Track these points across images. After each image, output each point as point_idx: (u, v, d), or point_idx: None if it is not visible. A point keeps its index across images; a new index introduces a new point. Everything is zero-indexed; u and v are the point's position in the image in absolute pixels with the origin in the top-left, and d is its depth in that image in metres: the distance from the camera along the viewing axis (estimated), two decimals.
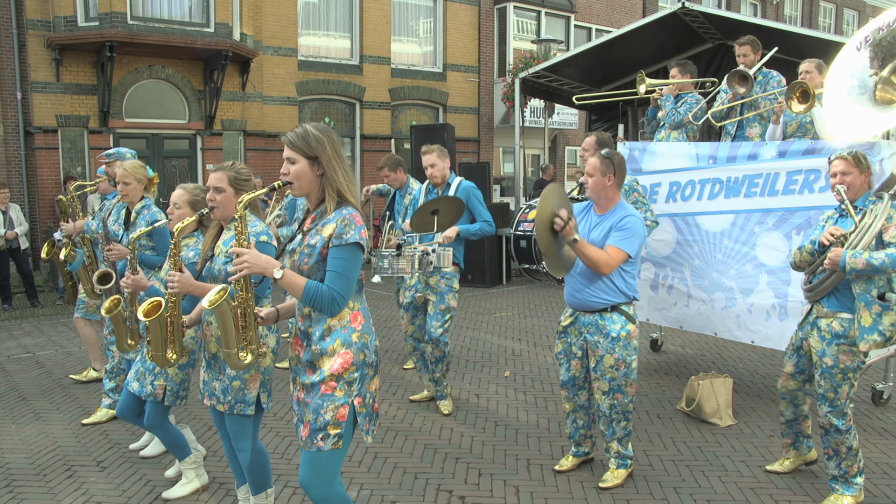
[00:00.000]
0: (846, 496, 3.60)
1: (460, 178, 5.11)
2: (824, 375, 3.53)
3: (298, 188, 2.57)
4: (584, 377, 3.97)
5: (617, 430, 3.88)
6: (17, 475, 4.11)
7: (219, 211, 3.19)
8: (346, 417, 2.53)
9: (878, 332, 3.37)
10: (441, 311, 4.94)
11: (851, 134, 3.39)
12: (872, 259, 3.25)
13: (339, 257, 2.49)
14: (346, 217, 2.50)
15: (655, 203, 5.55)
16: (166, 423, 3.73)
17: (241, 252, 2.49)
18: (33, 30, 11.50)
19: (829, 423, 3.53)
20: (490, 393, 5.57)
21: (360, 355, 2.57)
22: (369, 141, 15.34)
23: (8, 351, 7.10)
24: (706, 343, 7.03)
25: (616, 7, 19.52)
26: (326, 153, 2.53)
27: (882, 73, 3.46)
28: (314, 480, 2.56)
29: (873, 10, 26.88)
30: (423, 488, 3.91)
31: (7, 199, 9.46)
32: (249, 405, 3.13)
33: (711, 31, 9.04)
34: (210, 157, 12.92)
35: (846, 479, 3.60)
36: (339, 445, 2.54)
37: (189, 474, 3.84)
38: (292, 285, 2.48)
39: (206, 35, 12.10)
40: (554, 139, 18.30)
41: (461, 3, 16.51)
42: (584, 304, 3.81)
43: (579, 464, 4.16)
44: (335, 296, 2.48)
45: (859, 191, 3.52)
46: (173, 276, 3.06)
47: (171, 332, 3.28)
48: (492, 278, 11.00)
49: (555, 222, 3.53)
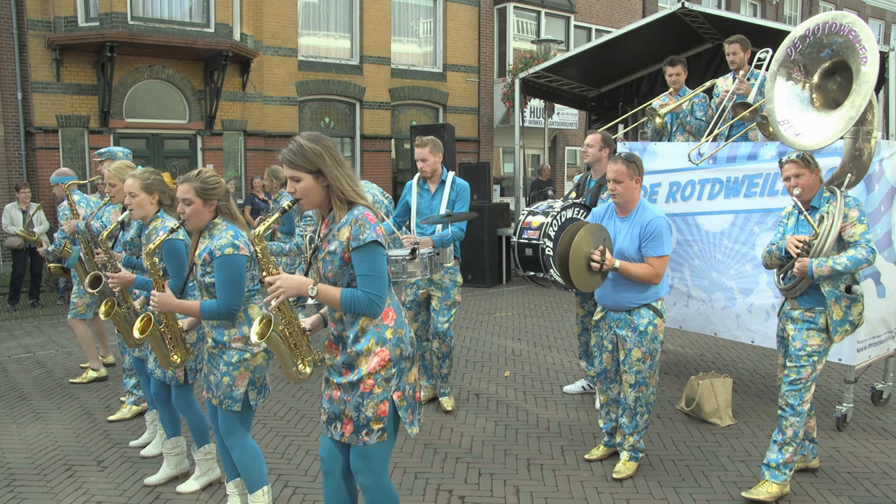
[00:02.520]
0: (774, 483, 3.67)
1: (453, 173, 5.06)
2: (790, 357, 3.67)
3: (308, 203, 2.58)
4: (616, 370, 4.14)
5: (640, 423, 4.04)
6: (18, 475, 4.12)
7: (190, 222, 3.21)
8: (387, 413, 2.56)
9: (849, 322, 3.65)
10: (447, 306, 4.97)
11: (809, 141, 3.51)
12: (836, 265, 3.47)
13: (363, 259, 2.50)
14: (359, 217, 2.50)
15: (656, 203, 5.55)
16: (193, 405, 3.77)
17: (272, 280, 2.51)
18: (34, 30, 11.51)
19: (787, 403, 3.63)
20: (490, 393, 5.57)
21: (397, 350, 2.59)
22: (369, 141, 15.35)
23: (8, 351, 7.11)
24: (706, 343, 7.04)
25: (616, 7, 19.53)
26: (327, 164, 2.52)
27: (813, 80, 3.63)
28: (364, 468, 2.61)
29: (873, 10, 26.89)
30: (423, 488, 3.92)
31: (28, 198, 9.49)
32: (236, 402, 3.18)
33: (711, 31, 9.04)
34: (210, 158, 12.93)
35: (778, 467, 3.66)
36: (384, 438, 2.58)
37: (202, 466, 3.86)
38: (329, 298, 2.50)
39: (207, 35, 12.11)
40: (554, 139, 18.30)
41: (461, 4, 16.52)
42: (617, 305, 3.99)
43: (610, 454, 4.26)
44: (372, 298, 2.50)
45: (813, 189, 3.65)
46: (154, 297, 3.16)
47: (171, 340, 3.45)
48: (492, 278, 11.00)
49: (591, 266, 3.80)
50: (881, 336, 4.77)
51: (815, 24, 3.54)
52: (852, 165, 3.79)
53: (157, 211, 3.77)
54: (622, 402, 4.06)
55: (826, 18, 3.51)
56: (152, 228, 3.71)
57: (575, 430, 4.78)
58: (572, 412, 5.12)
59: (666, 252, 3.89)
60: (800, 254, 3.56)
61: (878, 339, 4.74)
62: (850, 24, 3.41)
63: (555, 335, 7.60)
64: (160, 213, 3.77)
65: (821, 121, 3.55)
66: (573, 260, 3.75)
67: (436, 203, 4.97)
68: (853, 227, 3.55)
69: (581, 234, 3.76)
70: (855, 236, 3.54)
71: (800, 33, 3.60)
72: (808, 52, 3.58)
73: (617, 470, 4.03)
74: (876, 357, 4.79)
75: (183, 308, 3.21)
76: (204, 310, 3.12)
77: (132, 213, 3.76)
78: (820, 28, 3.52)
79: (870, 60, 3.29)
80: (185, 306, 3.20)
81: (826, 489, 3.86)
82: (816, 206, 3.66)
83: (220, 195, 3.23)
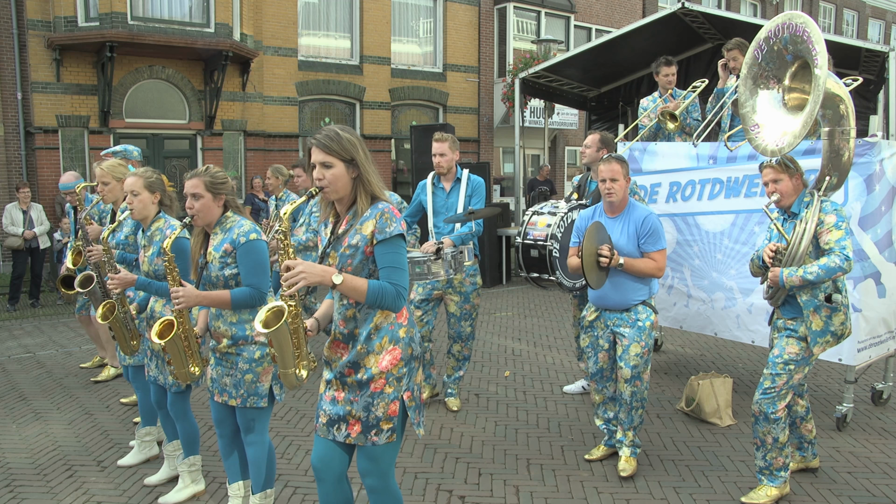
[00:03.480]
0: (771, 487, 3.65)
1: (467, 170, 5.09)
2: (768, 364, 3.61)
3: (334, 192, 2.50)
4: (611, 368, 4.18)
5: (634, 418, 4.06)
6: (18, 475, 4.12)
7: (199, 217, 3.14)
8: (397, 412, 2.53)
9: (830, 332, 3.48)
10: (467, 311, 5.01)
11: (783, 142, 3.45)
12: (807, 275, 3.36)
13: (388, 251, 2.46)
14: (385, 211, 2.47)
15: (655, 203, 5.56)
16: (189, 413, 3.73)
17: (293, 265, 2.35)
18: (34, 30, 11.50)
19: (759, 410, 3.57)
20: (490, 393, 5.57)
21: (409, 350, 2.57)
22: (369, 141, 15.33)
23: (8, 351, 7.11)
24: (706, 343, 7.04)
25: (616, 7, 19.53)
26: (360, 154, 2.49)
27: (784, 83, 3.56)
28: (371, 469, 2.57)
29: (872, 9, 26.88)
30: (423, 488, 3.92)
31: (28, 198, 9.46)
32: (262, 397, 3.15)
33: (711, 31, 9.03)
34: (210, 158, 12.93)
35: (770, 472, 3.65)
36: (393, 438, 2.55)
37: (185, 478, 3.80)
38: (354, 288, 2.41)
39: (207, 35, 12.11)
40: (554, 139, 18.30)
41: (461, 4, 16.52)
42: (617, 304, 4.04)
43: (610, 454, 4.26)
44: (399, 290, 2.46)
45: (793, 194, 3.55)
46: (177, 292, 3.02)
47: (188, 347, 3.28)
48: (492, 278, 11.00)
49: (600, 261, 3.88)
50: (881, 336, 4.77)
51: (775, 26, 3.45)
52: (832, 167, 3.67)
53: (158, 211, 3.70)
54: (620, 399, 4.08)
55: (783, 20, 3.41)
56: (155, 229, 3.64)
57: (575, 430, 4.78)
58: (572, 412, 5.12)
59: (664, 245, 4.01)
60: (773, 263, 3.48)
61: (878, 339, 4.74)
62: (803, 24, 3.31)
63: (555, 335, 7.60)
64: (161, 214, 3.70)
65: (786, 123, 3.47)
66: (585, 258, 3.84)
67: (451, 201, 4.98)
68: (829, 233, 3.40)
69: (588, 233, 3.85)
70: (830, 243, 3.38)
71: (763, 35, 3.52)
72: (772, 57, 3.52)
73: (622, 468, 4.04)
74: (876, 357, 4.79)
75: (211, 299, 3.06)
76: (236, 297, 3.03)
77: (133, 213, 3.65)
78: (780, 29, 3.43)
79: (820, 63, 3.18)
80: (213, 297, 3.06)
81: (826, 489, 3.86)
82: (797, 211, 3.54)
83: (228, 190, 3.21)
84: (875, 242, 4.58)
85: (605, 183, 3.99)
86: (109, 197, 4.37)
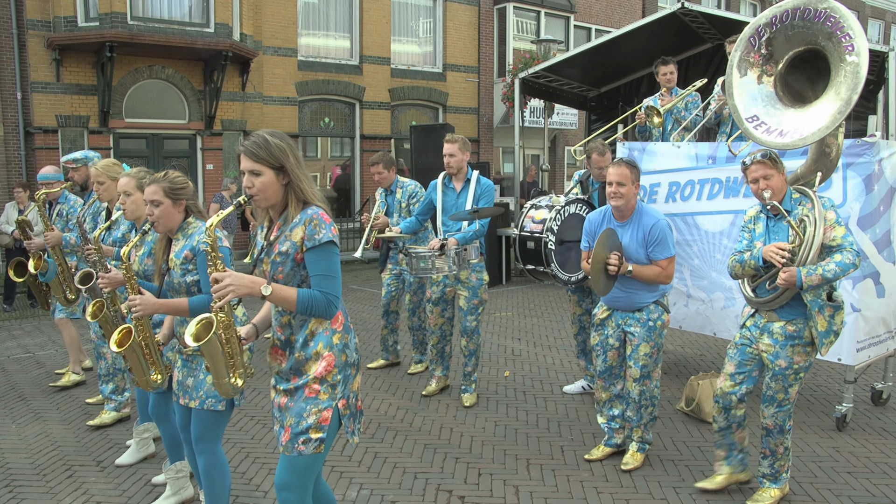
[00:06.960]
0: (774, 489, 3.65)
1: (477, 172, 5.19)
2: (776, 378, 3.48)
3: (265, 199, 2.46)
4: (620, 365, 4.20)
5: (644, 416, 4.09)
6: (17, 475, 4.12)
7: (160, 224, 3.11)
8: (329, 421, 2.47)
9: (833, 332, 3.45)
10: (474, 305, 5.13)
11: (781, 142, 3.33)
12: (826, 273, 3.27)
13: (319, 259, 2.43)
14: (314, 217, 2.43)
15: (655, 203, 5.55)
16: (170, 415, 3.61)
17: (221, 276, 2.34)
18: (33, 30, 11.51)
19: (775, 424, 3.52)
20: (490, 393, 5.57)
21: (342, 356, 2.52)
22: (369, 141, 15.35)
23: (8, 351, 7.11)
24: (705, 343, 7.04)
25: (616, 7, 19.54)
26: (290, 161, 2.45)
27: (778, 69, 3.40)
28: (291, 483, 2.49)
29: (872, 10, 26.89)
30: (422, 488, 3.92)
31: (25, 199, 9.40)
32: (221, 401, 3.06)
33: (711, 31, 9.04)
34: (210, 158, 12.94)
35: (775, 477, 3.64)
36: (320, 450, 2.47)
37: (172, 486, 3.70)
38: (283, 298, 2.39)
39: (206, 35, 12.11)
40: (553, 139, 18.31)
41: (461, 3, 16.53)
42: (630, 305, 4.05)
43: (610, 454, 4.27)
44: (330, 299, 2.44)
45: (782, 190, 3.46)
46: (135, 300, 2.99)
47: (149, 354, 3.25)
48: (492, 278, 10.95)
49: (608, 269, 3.88)
50: (881, 336, 4.77)
51: (782, 11, 3.29)
52: (820, 163, 3.59)
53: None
54: (628, 398, 4.09)
55: (797, 3, 3.23)
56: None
57: (575, 430, 4.78)
58: (572, 412, 5.12)
59: (673, 252, 4.02)
60: (785, 263, 3.33)
61: (877, 339, 4.74)
62: (828, 9, 3.13)
63: (555, 335, 7.60)
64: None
65: (799, 117, 3.31)
66: (593, 264, 3.87)
67: (461, 201, 5.12)
68: (833, 229, 3.35)
69: (599, 240, 3.88)
70: (837, 239, 3.33)
71: (764, 21, 3.37)
72: (775, 41, 3.34)
73: (625, 461, 4.08)
74: (876, 357, 4.79)
75: (169, 307, 3.04)
76: (194, 305, 2.99)
77: (126, 213, 3.66)
78: (789, 15, 3.26)
79: (857, 48, 3.01)
80: (171, 305, 3.04)
81: (826, 489, 3.86)
82: (788, 209, 3.44)
83: (189, 195, 3.17)
84: (874, 242, 4.58)
85: (611, 186, 3.94)
86: (105, 196, 4.39)
